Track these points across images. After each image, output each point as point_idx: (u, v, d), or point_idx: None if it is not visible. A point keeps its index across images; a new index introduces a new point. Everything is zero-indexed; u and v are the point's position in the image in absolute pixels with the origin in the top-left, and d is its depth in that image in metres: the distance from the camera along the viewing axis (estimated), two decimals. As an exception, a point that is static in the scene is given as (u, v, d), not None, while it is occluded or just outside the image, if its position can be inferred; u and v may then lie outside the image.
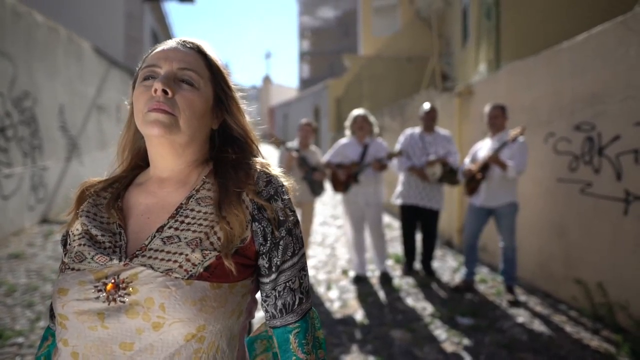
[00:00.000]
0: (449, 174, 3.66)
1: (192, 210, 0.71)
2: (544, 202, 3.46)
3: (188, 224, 0.69)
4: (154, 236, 0.68)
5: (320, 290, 3.60)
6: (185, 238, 0.67)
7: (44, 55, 5.67)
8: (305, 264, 0.75)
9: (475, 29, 6.27)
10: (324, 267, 4.24)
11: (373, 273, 3.97)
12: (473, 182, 3.38)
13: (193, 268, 0.64)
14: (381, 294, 3.49)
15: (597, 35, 2.96)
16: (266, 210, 0.70)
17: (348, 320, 3.00)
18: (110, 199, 0.75)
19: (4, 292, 3.38)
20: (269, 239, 0.70)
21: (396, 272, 4.01)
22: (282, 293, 0.72)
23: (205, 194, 0.72)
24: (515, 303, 3.18)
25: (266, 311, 0.74)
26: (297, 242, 0.73)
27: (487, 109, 3.40)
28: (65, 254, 0.73)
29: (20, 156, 5.08)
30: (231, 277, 0.67)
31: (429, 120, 3.79)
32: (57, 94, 6.09)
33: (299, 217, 4.00)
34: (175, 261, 0.65)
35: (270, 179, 0.73)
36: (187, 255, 0.65)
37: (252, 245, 0.70)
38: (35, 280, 3.61)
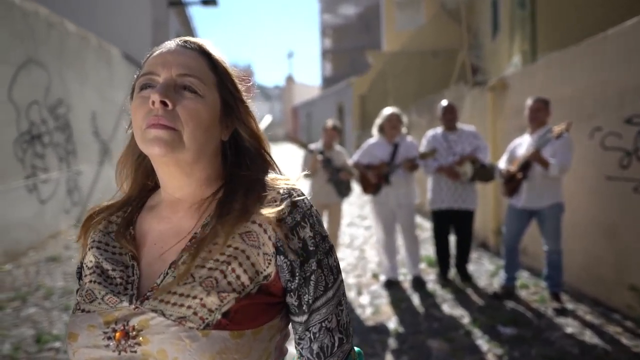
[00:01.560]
0: (481, 171, 3.47)
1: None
2: (591, 202, 3.22)
3: (203, 259, 0.60)
4: (167, 273, 0.60)
5: (351, 295, 3.50)
6: (200, 277, 0.58)
7: (76, 63, 5.83)
8: (343, 296, 0.65)
9: (507, 19, 5.99)
10: (353, 270, 4.14)
11: (405, 277, 3.83)
12: (513, 182, 3.18)
13: (209, 315, 0.56)
14: (415, 300, 3.36)
15: (651, 20, 2.71)
16: (292, 239, 0.60)
17: (381, 328, 2.89)
18: (121, 226, 0.68)
19: (43, 295, 3.47)
20: (297, 274, 0.60)
21: (430, 277, 3.85)
22: (317, 335, 0.62)
23: None
24: (562, 311, 2.97)
25: (300, 355, 0.64)
26: (330, 274, 0.63)
27: (528, 102, 3.19)
28: (77, 290, 0.67)
29: (56, 161, 5.23)
30: (254, 321, 0.58)
31: (449, 118, 3.60)
32: (89, 100, 6.25)
33: (325, 220, 3.96)
34: (189, 307, 0.57)
35: (295, 202, 0.63)
36: (202, 299, 0.57)
37: (277, 281, 0.61)
38: (71, 284, 3.69)
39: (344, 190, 3.94)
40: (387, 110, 3.71)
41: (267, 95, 38.52)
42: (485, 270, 3.99)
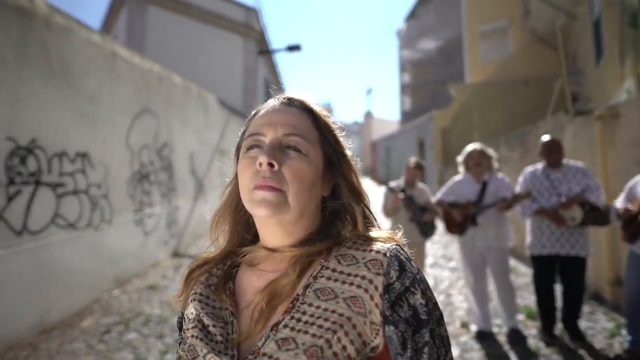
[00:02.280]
0: (593, 214, 2.99)
1: (310, 305, 0.59)
2: None
3: (305, 323, 0.57)
4: (268, 336, 0.58)
5: (438, 346, 3.20)
6: (304, 344, 0.55)
7: (180, 109, 6.61)
8: None
9: (614, 41, 5.38)
10: (439, 317, 3.81)
11: (500, 329, 3.41)
12: (634, 226, 2.71)
13: None
14: (513, 358, 2.95)
15: None
16: (401, 307, 0.56)
17: (475, 389, 2.57)
18: (220, 281, 0.68)
19: (142, 321, 3.78)
20: (409, 346, 0.55)
21: (530, 331, 3.38)
22: None
23: (325, 283, 0.60)
24: None
25: None
26: (442, 346, 0.58)
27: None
28: (180, 342, 0.68)
29: (159, 197, 5.86)
30: None
31: (552, 154, 3.15)
32: (188, 142, 6.99)
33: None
34: None
35: (403, 265, 0.59)
36: None
37: (386, 354, 0.56)
38: (166, 312, 3.98)
39: (427, 230, 3.73)
40: (470, 147, 3.47)
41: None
42: (602, 328, 3.38)
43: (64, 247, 3.80)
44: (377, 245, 0.62)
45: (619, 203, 2.90)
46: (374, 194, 14.28)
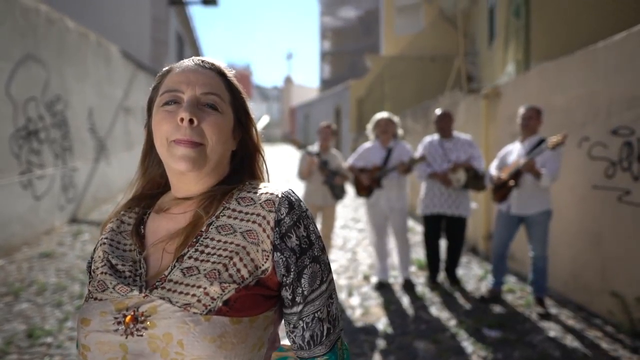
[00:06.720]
0: (474, 180, 3.54)
1: (212, 239, 0.68)
2: (578, 210, 3.30)
3: (207, 254, 0.66)
4: (174, 266, 0.66)
5: (342, 296, 3.55)
6: (205, 270, 0.65)
7: (75, 59, 5.85)
8: (334, 290, 0.72)
9: (502, 28, 6.08)
10: (345, 272, 4.19)
11: (396, 279, 3.89)
12: (503, 189, 3.25)
13: (212, 302, 0.62)
14: (404, 302, 3.42)
15: (638, 34, 2.79)
16: (289, 238, 0.67)
17: (370, 329, 2.95)
18: (133, 226, 0.74)
19: (35, 291, 3.49)
20: (292, 269, 0.67)
21: (419, 280, 3.92)
22: (309, 324, 0.69)
23: (225, 221, 0.69)
24: (546, 315, 3.04)
25: (293, 342, 0.71)
26: (324, 269, 0.70)
27: (521, 110, 3.27)
28: (89, 282, 0.73)
29: (51, 158, 5.25)
30: (252, 310, 0.64)
31: (444, 126, 3.66)
32: (86, 97, 6.27)
33: (319, 221, 4.01)
34: (194, 295, 0.63)
35: (292, 204, 0.69)
36: (205, 288, 0.63)
37: (273, 276, 0.67)
38: (64, 280, 3.72)
39: (338, 193, 3.99)
40: (378, 115, 3.78)
41: (265, 96, 38.56)
42: (474, 275, 4.06)
43: None
44: (272, 188, 0.72)
45: (493, 169, 3.45)
46: (292, 158, 14.43)
